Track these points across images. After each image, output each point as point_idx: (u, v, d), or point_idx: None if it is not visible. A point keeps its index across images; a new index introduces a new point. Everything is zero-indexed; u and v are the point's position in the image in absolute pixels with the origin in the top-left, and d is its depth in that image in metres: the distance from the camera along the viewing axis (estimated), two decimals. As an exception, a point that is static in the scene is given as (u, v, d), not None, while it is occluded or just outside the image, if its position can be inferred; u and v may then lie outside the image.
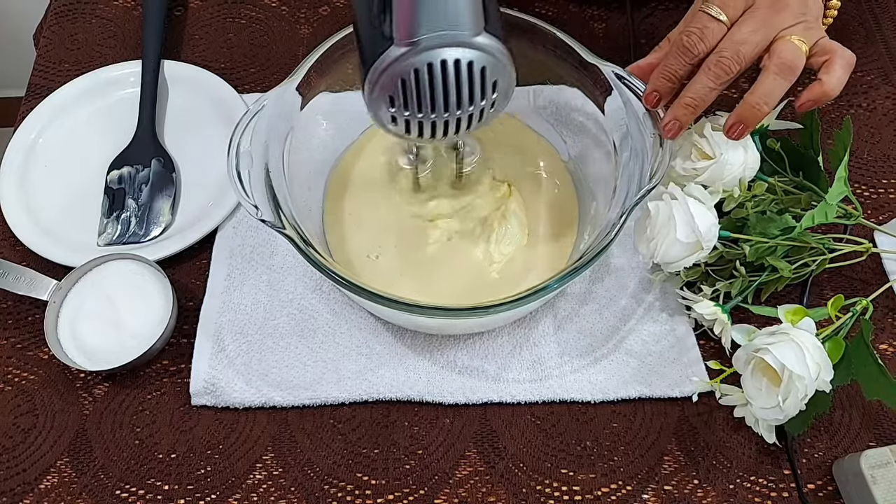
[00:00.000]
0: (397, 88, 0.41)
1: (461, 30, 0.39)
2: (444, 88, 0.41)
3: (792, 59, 0.49)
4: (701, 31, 0.49)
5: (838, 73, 0.50)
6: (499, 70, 0.41)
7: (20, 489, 0.54)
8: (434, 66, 0.40)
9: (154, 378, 0.57)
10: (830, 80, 0.50)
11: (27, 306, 0.60)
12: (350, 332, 0.58)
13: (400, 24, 0.39)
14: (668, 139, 0.51)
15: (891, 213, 0.64)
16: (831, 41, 0.52)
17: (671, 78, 0.51)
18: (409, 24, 0.38)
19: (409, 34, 0.39)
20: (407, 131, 0.43)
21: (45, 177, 0.66)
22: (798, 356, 0.47)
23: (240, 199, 0.49)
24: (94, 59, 0.73)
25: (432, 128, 0.43)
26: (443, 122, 0.43)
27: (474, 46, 0.40)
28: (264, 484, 0.54)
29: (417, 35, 0.39)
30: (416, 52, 0.39)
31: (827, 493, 0.53)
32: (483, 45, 0.40)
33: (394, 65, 0.40)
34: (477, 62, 0.40)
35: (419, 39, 0.39)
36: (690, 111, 0.50)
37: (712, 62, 0.49)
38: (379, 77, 0.40)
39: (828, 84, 0.50)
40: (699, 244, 0.52)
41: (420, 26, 0.38)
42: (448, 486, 0.54)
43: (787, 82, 0.49)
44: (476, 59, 0.40)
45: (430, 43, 0.39)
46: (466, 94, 0.41)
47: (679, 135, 0.51)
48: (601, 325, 0.59)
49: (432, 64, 0.39)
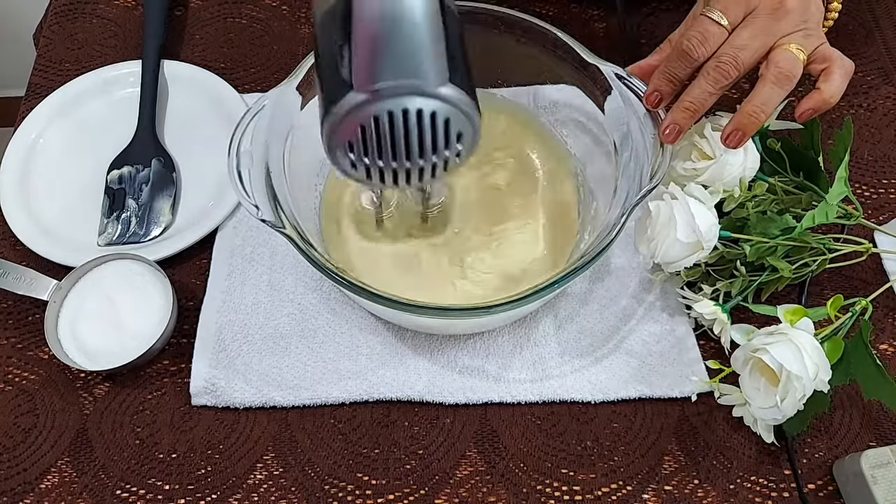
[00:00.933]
0: (357, 135, 0.39)
1: (424, 79, 0.37)
2: (405, 137, 0.39)
3: (789, 68, 0.49)
4: (702, 35, 0.49)
5: (837, 81, 0.51)
6: (463, 122, 0.39)
7: (21, 489, 0.54)
8: (395, 115, 0.38)
9: (154, 378, 0.58)
10: (829, 88, 0.51)
11: (27, 306, 0.60)
12: (350, 332, 0.58)
13: (360, 69, 0.37)
14: (668, 143, 0.51)
15: (891, 213, 0.64)
16: (831, 48, 0.52)
17: (672, 80, 0.51)
18: (370, 70, 0.37)
19: (370, 80, 0.37)
20: (367, 177, 0.41)
21: (45, 177, 0.66)
22: (796, 356, 0.47)
23: (240, 198, 0.49)
24: (94, 58, 0.73)
25: (393, 176, 0.41)
26: (404, 171, 0.41)
27: (438, 97, 0.38)
28: (265, 484, 0.54)
29: (378, 82, 0.37)
30: (377, 99, 0.37)
31: (827, 493, 0.53)
32: (447, 97, 0.38)
33: (353, 111, 0.38)
34: (440, 113, 0.38)
35: (380, 87, 0.37)
36: (689, 115, 0.50)
37: (711, 67, 0.49)
38: (339, 122, 0.38)
39: (827, 92, 0.51)
40: (699, 244, 0.52)
41: (381, 73, 0.37)
42: (448, 485, 0.54)
43: (784, 91, 0.50)
44: (439, 109, 0.38)
45: (391, 91, 0.37)
46: (429, 144, 0.39)
47: (678, 139, 0.51)
48: (602, 324, 0.59)
49: (393, 112, 0.38)
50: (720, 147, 0.53)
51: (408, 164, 0.40)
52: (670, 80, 0.51)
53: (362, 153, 0.40)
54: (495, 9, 0.57)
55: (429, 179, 0.42)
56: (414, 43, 0.36)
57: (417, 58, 0.36)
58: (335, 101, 0.38)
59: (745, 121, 0.50)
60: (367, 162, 0.40)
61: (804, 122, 0.56)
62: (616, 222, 0.50)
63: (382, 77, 0.37)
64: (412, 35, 0.36)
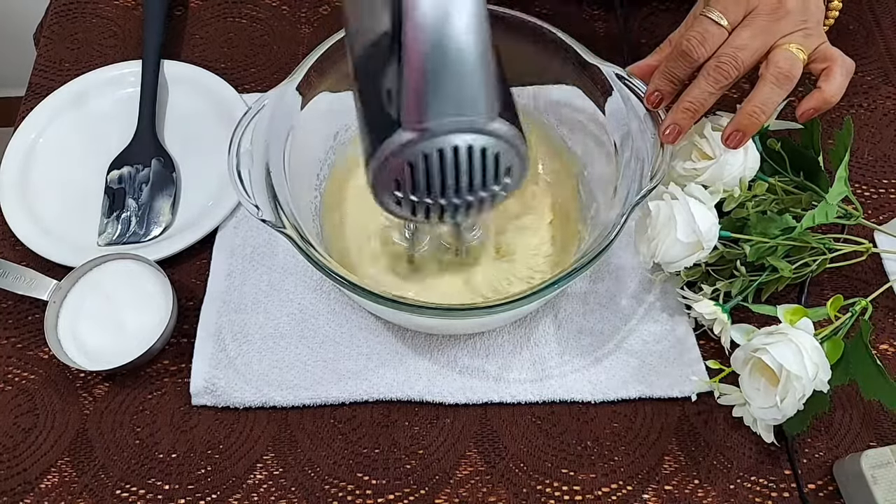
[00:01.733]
0: (405, 173, 0.38)
1: (476, 115, 0.36)
2: (455, 173, 0.38)
3: (789, 68, 0.49)
4: (702, 35, 0.49)
5: (838, 80, 0.51)
6: (512, 156, 0.38)
7: (21, 489, 0.54)
8: (445, 152, 0.37)
9: (154, 378, 0.58)
10: (830, 87, 0.51)
11: (27, 306, 0.60)
12: (350, 332, 0.58)
13: (410, 106, 0.35)
14: (668, 144, 0.51)
15: (891, 213, 0.64)
16: (831, 48, 0.52)
17: (672, 80, 0.51)
18: (420, 107, 0.35)
19: (420, 118, 0.36)
20: (413, 214, 0.40)
21: (45, 177, 0.66)
22: (796, 356, 0.47)
23: (240, 198, 0.49)
24: (94, 58, 0.73)
25: (440, 211, 0.40)
26: (452, 207, 0.40)
27: (488, 132, 0.37)
28: (265, 484, 0.54)
29: (428, 120, 0.35)
30: (426, 137, 0.36)
31: (827, 493, 0.53)
32: (497, 132, 0.37)
33: (402, 149, 0.36)
34: (491, 149, 0.37)
35: (430, 126, 0.36)
36: (690, 115, 0.50)
37: (711, 67, 0.49)
38: (385, 161, 0.37)
39: (828, 92, 0.51)
40: (699, 244, 0.52)
41: (432, 110, 0.35)
42: (449, 485, 0.54)
43: (784, 91, 0.50)
44: (490, 145, 0.37)
45: (440, 129, 0.36)
46: (479, 179, 0.38)
47: (678, 139, 0.51)
48: (602, 324, 0.59)
49: (443, 150, 0.37)
50: (720, 147, 0.53)
51: (456, 201, 0.39)
52: (670, 81, 0.51)
53: (409, 191, 0.39)
54: (495, 9, 0.57)
55: (475, 214, 0.41)
56: (466, 79, 0.35)
57: (469, 94, 0.35)
58: (381, 138, 0.37)
59: (745, 121, 0.50)
60: (414, 199, 0.39)
61: (805, 122, 0.56)
62: (616, 222, 0.50)
63: (433, 114, 0.35)
64: (464, 71, 0.35)
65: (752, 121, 0.50)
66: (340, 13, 0.74)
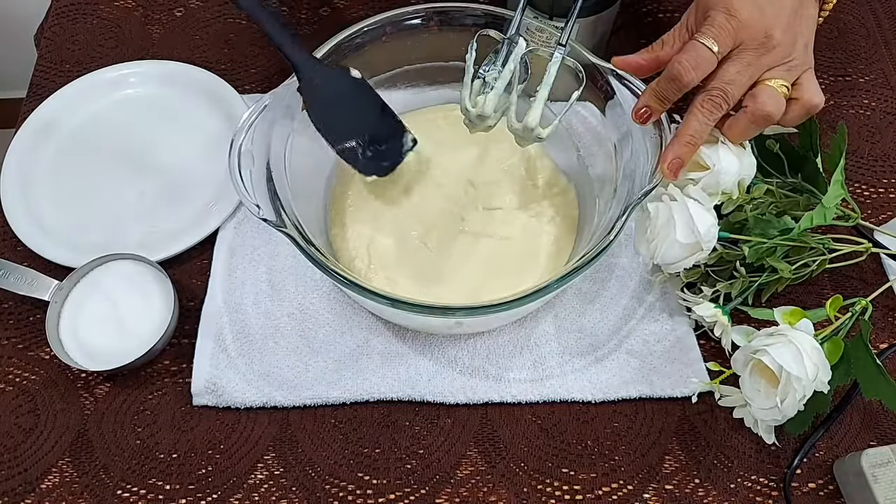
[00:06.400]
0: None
1: None
2: None
3: (771, 111, 0.50)
4: (694, 60, 0.49)
5: (791, 114, 0.51)
6: None
7: (21, 489, 0.54)
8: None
9: (155, 378, 0.58)
10: (784, 118, 0.51)
11: (28, 307, 0.60)
12: (351, 332, 0.58)
13: None
14: (670, 179, 0.51)
15: (891, 213, 0.64)
16: (809, 80, 0.51)
17: (662, 101, 0.51)
18: None
19: None
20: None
21: (47, 177, 0.66)
22: (796, 357, 0.47)
23: (241, 198, 0.49)
24: (94, 59, 0.73)
25: None
26: None
27: None
28: (266, 484, 0.54)
29: None
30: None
31: (828, 493, 0.53)
32: None
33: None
34: None
35: None
36: (691, 149, 0.51)
37: (704, 100, 0.50)
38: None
39: (782, 119, 0.51)
40: (699, 245, 0.52)
41: None
42: (449, 485, 0.54)
43: (758, 129, 0.51)
44: None
45: None
46: None
47: (679, 173, 0.51)
48: (602, 324, 0.59)
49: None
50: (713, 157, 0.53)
51: None
52: (660, 101, 0.51)
53: None
54: (496, 9, 0.57)
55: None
56: None
57: None
58: None
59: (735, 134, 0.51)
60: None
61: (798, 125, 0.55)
62: (616, 222, 0.50)
63: None
64: None
65: (735, 138, 0.51)
66: (340, 14, 0.74)
